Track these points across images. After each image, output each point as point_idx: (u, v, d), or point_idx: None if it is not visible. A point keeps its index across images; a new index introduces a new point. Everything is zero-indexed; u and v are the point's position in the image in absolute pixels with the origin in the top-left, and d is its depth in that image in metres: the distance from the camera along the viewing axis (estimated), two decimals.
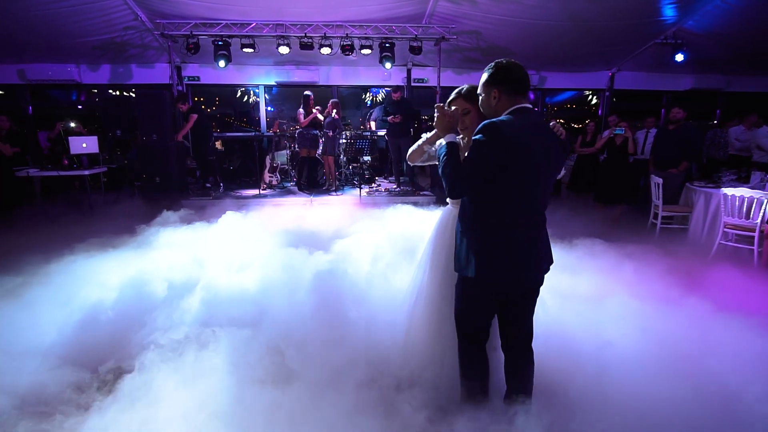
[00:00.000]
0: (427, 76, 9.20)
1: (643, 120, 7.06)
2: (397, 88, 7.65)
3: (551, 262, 1.91)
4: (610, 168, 6.12)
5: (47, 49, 7.65)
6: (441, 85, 8.97)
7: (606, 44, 8.10)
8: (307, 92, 7.48)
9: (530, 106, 1.81)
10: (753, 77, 9.56)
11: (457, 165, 1.70)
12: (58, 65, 8.19)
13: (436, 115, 1.89)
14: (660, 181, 5.22)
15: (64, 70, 8.19)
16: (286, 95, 11.18)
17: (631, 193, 6.30)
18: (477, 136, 1.68)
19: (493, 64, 1.84)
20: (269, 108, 12.77)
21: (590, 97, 11.82)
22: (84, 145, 6.24)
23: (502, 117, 1.74)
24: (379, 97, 14.51)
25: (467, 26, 7.48)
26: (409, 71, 9.13)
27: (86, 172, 6.24)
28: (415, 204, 6.15)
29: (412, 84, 9.18)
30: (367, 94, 13.65)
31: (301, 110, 7.40)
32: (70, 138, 6.19)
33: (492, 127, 1.66)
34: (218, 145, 9.93)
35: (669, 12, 7.20)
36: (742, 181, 5.22)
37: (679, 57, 7.86)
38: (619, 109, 10.06)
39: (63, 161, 6.18)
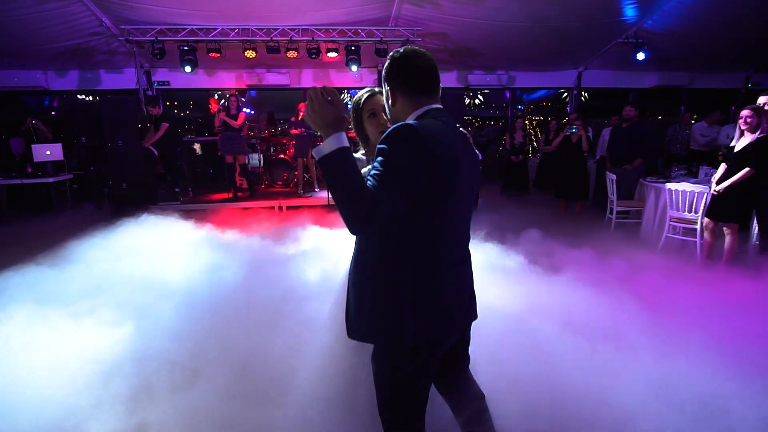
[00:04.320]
0: None
1: (609, 117, 7.24)
2: None
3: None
4: (567, 166, 6.28)
5: (12, 56, 7.58)
6: None
7: (570, 44, 8.27)
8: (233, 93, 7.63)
9: (439, 105, 1.37)
10: (715, 74, 9.82)
11: (355, 183, 1.12)
12: (25, 72, 8.12)
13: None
14: (614, 177, 5.39)
15: (30, 77, 8.13)
16: (267, 98, 11.29)
17: (586, 190, 6.48)
18: (386, 144, 1.19)
19: (390, 54, 1.37)
20: (247, 110, 12.80)
21: (565, 94, 12.04)
22: (48, 152, 6.23)
23: (416, 122, 1.26)
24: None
25: (433, 28, 7.60)
26: (379, 72, 9.18)
27: (50, 180, 6.23)
28: None
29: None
30: (347, 94, 13.74)
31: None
32: (33, 146, 6.18)
33: (409, 129, 1.19)
34: (197, 148, 9.96)
35: (629, 12, 7.39)
36: (692, 175, 5.40)
37: (641, 56, 8.06)
38: (588, 107, 10.32)
39: (27, 169, 6.17)
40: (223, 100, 7.86)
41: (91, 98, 9.42)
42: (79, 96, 9.41)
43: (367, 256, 1.33)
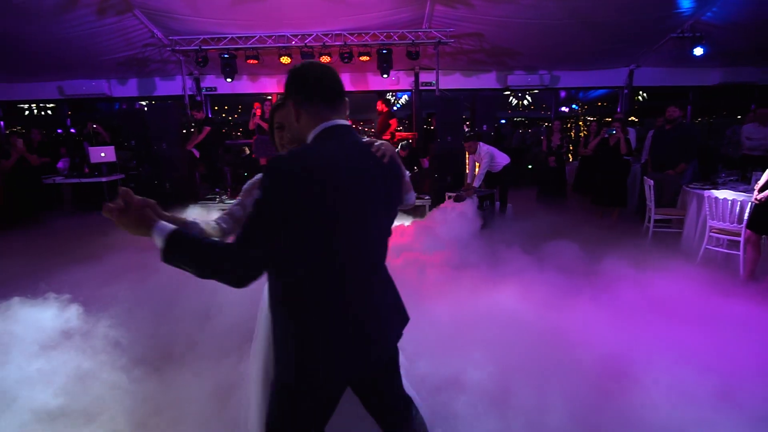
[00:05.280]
0: (435, 79, 9.22)
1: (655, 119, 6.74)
2: None
3: (405, 320, 1.46)
4: (604, 170, 5.89)
5: (80, 67, 8.40)
6: (450, 88, 8.99)
7: (618, 40, 7.78)
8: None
9: (345, 122, 1.30)
10: None
11: (206, 254, 1.11)
12: (92, 81, 8.95)
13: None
14: (651, 183, 4.99)
15: (96, 85, 8.94)
16: None
17: (624, 197, 6.04)
18: (262, 179, 1.14)
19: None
20: None
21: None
22: (102, 154, 6.84)
23: (300, 147, 1.24)
24: (402, 100, 14.67)
25: (467, 28, 7.45)
26: (416, 75, 9.18)
27: (104, 179, 6.82)
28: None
29: (420, 88, 9.23)
30: (389, 96, 13.84)
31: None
32: (90, 149, 6.81)
33: (279, 161, 1.13)
34: (246, 150, 10.46)
35: (685, 4, 6.84)
36: (745, 182, 4.87)
37: (698, 51, 7.41)
38: (646, 107, 9.60)
39: (84, 169, 6.81)
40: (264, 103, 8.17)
41: (153, 103, 10.20)
42: (142, 102, 10.24)
43: (273, 289, 1.27)
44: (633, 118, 14.16)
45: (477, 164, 5.92)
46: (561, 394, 2.21)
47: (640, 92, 12.57)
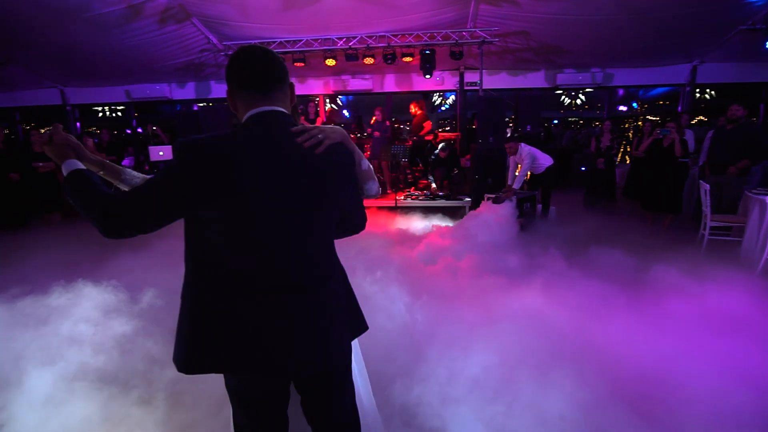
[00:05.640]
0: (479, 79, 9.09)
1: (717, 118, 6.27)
2: None
3: (355, 332, 1.42)
4: (656, 173, 5.53)
5: (144, 72, 9.05)
6: (497, 87, 8.83)
7: (678, 35, 7.29)
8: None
9: (275, 109, 1.24)
10: None
11: (91, 195, 1.15)
12: (155, 85, 9.62)
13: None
14: (707, 187, 4.65)
15: (159, 89, 9.60)
16: (367, 103, 11.94)
17: (678, 202, 5.64)
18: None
19: None
20: (346, 114, 13.72)
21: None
22: (161, 153, 7.35)
23: (214, 133, 1.21)
24: (450, 100, 14.58)
25: (513, 27, 7.29)
26: (461, 75, 9.09)
27: None
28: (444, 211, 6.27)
29: (465, 88, 9.12)
30: (437, 97, 13.83)
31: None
32: (150, 147, 7.35)
33: (181, 144, 1.15)
34: None
35: None
36: None
37: None
38: (715, 105, 8.92)
39: (144, 167, 7.36)
40: (302, 105, 8.44)
41: (210, 105, 10.81)
42: (200, 104, 10.87)
43: (184, 275, 1.27)
44: (701, 117, 13.19)
45: (518, 165, 5.78)
46: (583, 402, 2.13)
47: (708, 90, 11.71)
